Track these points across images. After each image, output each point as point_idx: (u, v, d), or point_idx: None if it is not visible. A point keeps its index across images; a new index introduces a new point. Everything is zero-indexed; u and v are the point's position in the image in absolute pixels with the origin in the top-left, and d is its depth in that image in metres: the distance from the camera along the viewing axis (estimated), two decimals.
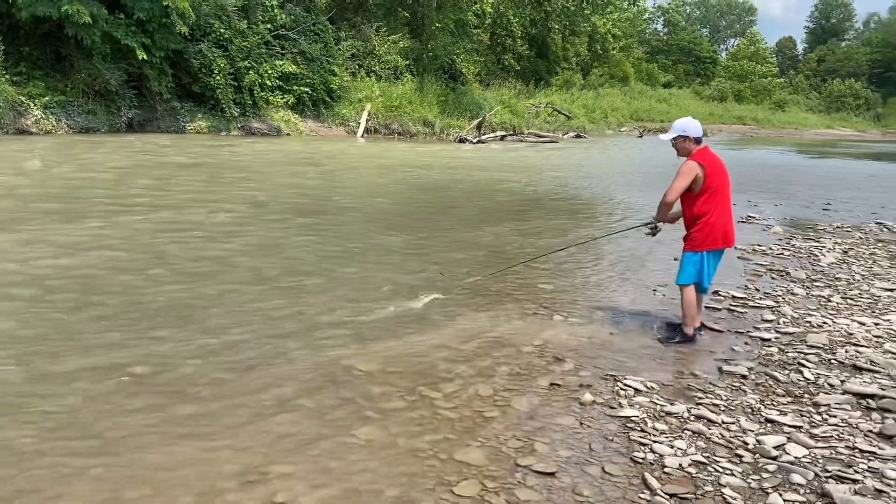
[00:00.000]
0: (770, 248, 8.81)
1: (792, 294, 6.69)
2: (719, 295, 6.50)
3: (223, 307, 5.47)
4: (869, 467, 3.37)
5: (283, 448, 3.38)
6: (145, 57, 19.25)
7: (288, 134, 23.08)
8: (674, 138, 5.14)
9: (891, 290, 6.90)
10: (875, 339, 5.33)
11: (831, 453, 3.53)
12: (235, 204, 10.03)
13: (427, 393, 4.06)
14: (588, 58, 51.33)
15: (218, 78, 21.26)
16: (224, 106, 21.64)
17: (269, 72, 22.96)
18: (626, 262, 7.77)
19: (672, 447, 3.54)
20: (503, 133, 29.57)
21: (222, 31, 21.80)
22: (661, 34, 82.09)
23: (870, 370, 4.66)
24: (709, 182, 5.03)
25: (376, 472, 3.21)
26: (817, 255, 8.45)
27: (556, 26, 43.74)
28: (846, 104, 78.23)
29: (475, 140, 26.46)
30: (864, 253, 8.76)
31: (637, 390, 4.25)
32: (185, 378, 4.12)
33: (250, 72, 22.40)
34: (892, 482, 3.23)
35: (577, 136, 33.56)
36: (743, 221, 10.90)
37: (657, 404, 4.05)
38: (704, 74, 74.67)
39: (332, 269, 6.78)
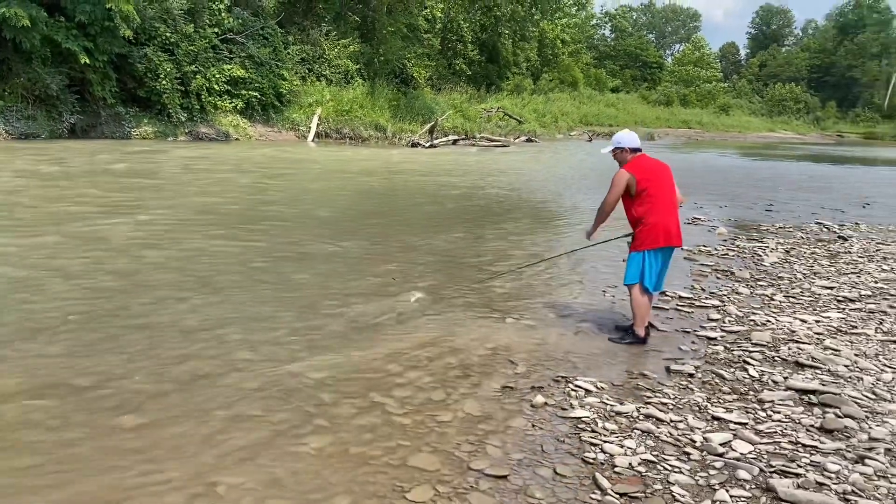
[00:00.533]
0: (715, 249, 9.01)
1: (737, 293, 6.85)
2: (667, 295, 6.61)
3: (166, 316, 5.34)
4: (811, 461, 3.47)
5: (230, 459, 3.32)
6: (87, 61, 18.77)
7: (237, 139, 22.76)
8: (612, 150, 5.39)
9: (830, 288, 7.13)
10: (816, 336, 5.49)
11: (775, 449, 3.61)
12: (181, 211, 9.84)
13: (379, 399, 4.04)
14: (538, 63, 51.95)
15: (164, 82, 20.84)
16: (171, 111, 21.22)
17: (217, 76, 22.62)
18: (577, 265, 7.85)
19: (622, 447, 3.58)
20: (455, 137, 29.66)
21: (168, 34, 21.38)
22: (609, 40, 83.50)
23: (811, 366, 4.79)
24: (642, 186, 5.19)
25: (327, 480, 3.17)
26: (761, 255, 8.67)
27: (506, 31, 44.15)
28: (787, 108, 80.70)
29: (427, 144, 26.49)
30: (805, 252, 9.03)
31: (588, 391, 4.30)
32: (127, 391, 4.02)
33: (197, 76, 22.02)
34: (832, 475, 3.32)
35: (529, 140, 33.88)
36: (689, 223, 11.12)
37: (607, 404, 4.10)
38: (651, 79, 76.19)
39: (281, 276, 6.70)
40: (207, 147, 20.05)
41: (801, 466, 3.41)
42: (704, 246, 9.17)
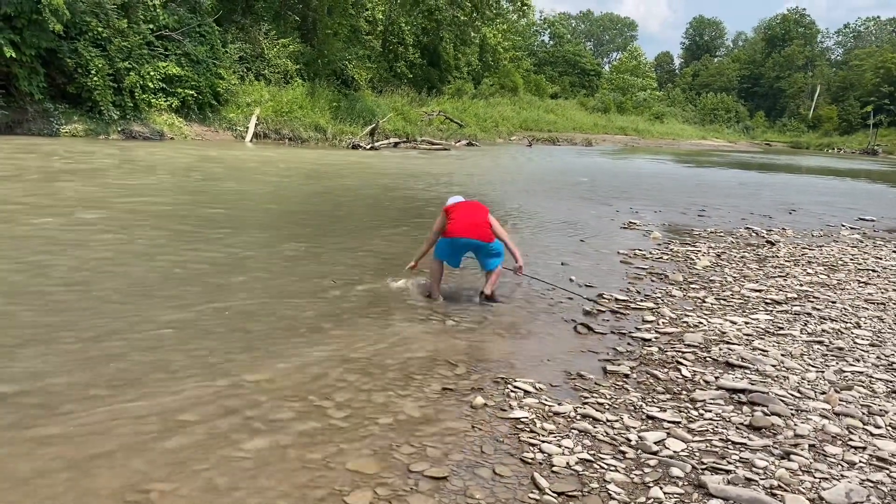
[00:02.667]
0: (650, 253, 9.23)
1: (670, 296, 7.04)
2: (604, 298, 6.74)
3: (97, 320, 5.17)
4: (740, 458, 3.58)
5: (164, 465, 3.23)
6: (13, 55, 18.01)
7: (172, 138, 22.20)
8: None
9: (759, 291, 7.38)
10: (745, 337, 5.68)
11: (707, 446, 3.72)
12: (109, 212, 9.55)
13: (318, 403, 3.99)
14: (479, 67, 52.34)
15: (95, 79, 20.15)
16: (102, 108, 20.52)
17: (152, 73, 22.00)
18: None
19: (560, 446, 3.63)
20: (396, 140, 29.62)
21: (100, 29, 20.69)
22: (548, 46, 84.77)
23: (741, 366, 4.95)
24: (450, 217, 6.40)
25: (265, 486, 3.12)
26: (693, 259, 8.92)
27: (447, 36, 44.36)
28: (718, 116, 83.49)
29: (368, 146, 26.37)
30: (735, 256, 9.33)
31: (527, 392, 4.35)
32: (56, 394, 3.87)
33: (131, 73, 21.38)
34: (760, 471, 3.44)
35: (469, 145, 34.08)
36: (625, 228, 11.37)
37: (546, 405, 4.15)
38: (589, 86, 77.72)
39: (216, 279, 6.56)
40: (140, 146, 19.50)
41: (731, 463, 3.52)
42: (640, 250, 9.38)
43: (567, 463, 3.47)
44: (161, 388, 4.05)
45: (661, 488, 3.27)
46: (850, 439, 3.84)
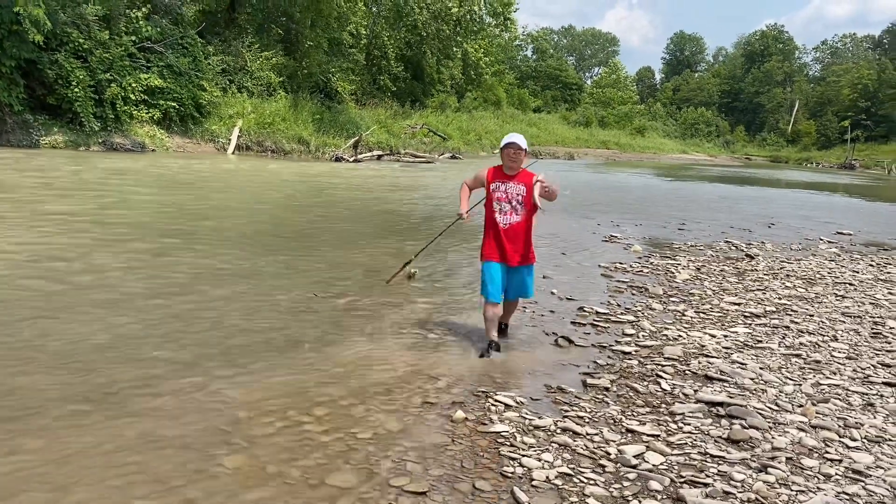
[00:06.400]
0: (631, 266, 9.29)
1: (650, 309, 7.08)
2: (584, 311, 6.77)
3: (77, 333, 5.12)
4: (718, 471, 3.61)
5: (143, 482, 3.20)
6: None
7: (153, 150, 22.07)
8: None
9: (738, 304, 7.45)
10: (724, 350, 5.73)
11: (685, 459, 3.74)
12: (90, 224, 9.47)
13: (297, 417, 3.97)
14: (462, 81, 52.59)
15: (76, 90, 20.02)
16: (83, 119, 20.37)
17: (134, 85, 21.88)
18: None
19: (540, 460, 3.64)
20: (380, 153, 29.66)
21: (81, 41, 20.59)
22: (531, 60, 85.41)
23: (719, 379, 4.99)
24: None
25: (243, 501, 3.10)
26: (673, 273, 8.99)
27: (430, 50, 44.61)
28: (699, 130, 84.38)
29: (351, 159, 26.37)
30: (714, 270, 9.41)
31: (507, 405, 4.35)
32: (32, 409, 3.83)
33: (112, 84, 21.26)
34: (738, 484, 3.46)
35: (453, 157, 34.19)
36: (606, 241, 11.44)
37: (526, 419, 4.16)
38: (571, 100, 78.33)
39: (197, 293, 6.51)
40: (121, 158, 19.37)
41: (709, 476, 3.54)
42: (620, 263, 9.44)
43: (547, 477, 3.47)
44: (139, 404, 4.01)
45: (639, 502, 3.28)
46: (827, 452, 3.88)
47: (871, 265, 10.61)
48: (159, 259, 7.75)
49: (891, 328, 6.72)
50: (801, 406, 4.55)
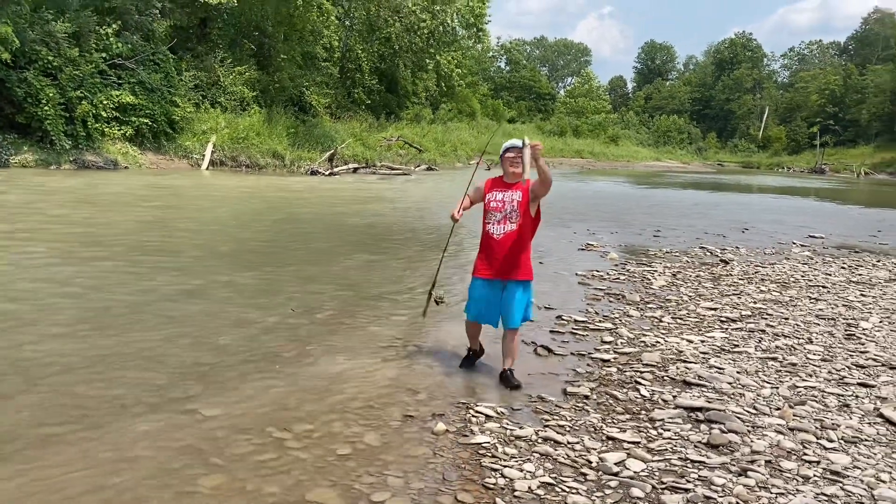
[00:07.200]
0: (608, 274, 9.34)
1: (628, 316, 7.12)
2: (563, 319, 6.79)
3: (49, 353, 5.03)
4: (699, 476, 3.62)
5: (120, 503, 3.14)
6: None
7: (126, 167, 21.83)
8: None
9: (714, 309, 7.52)
10: (702, 355, 5.77)
11: (666, 465, 3.75)
12: (62, 243, 9.33)
13: (277, 434, 3.93)
14: (437, 93, 52.72)
15: (46, 108, 19.77)
16: (54, 138, 20.10)
17: (105, 102, 21.65)
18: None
19: (521, 470, 3.63)
20: (356, 166, 29.60)
21: (51, 58, 20.36)
22: (505, 72, 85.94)
23: (698, 384, 5.02)
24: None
25: None
26: (650, 279, 9.05)
27: (404, 63, 44.73)
28: (672, 138, 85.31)
29: (327, 172, 26.29)
30: (690, 276, 9.49)
31: (488, 416, 4.34)
32: (5, 432, 3.75)
33: (83, 102, 21.02)
34: (718, 488, 3.48)
35: (429, 169, 34.22)
36: (583, 249, 11.50)
37: (507, 429, 4.15)
38: (545, 110, 78.85)
39: (173, 311, 6.43)
40: (93, 175, 19.14)
41: (689, 482, 3.56)
42: (597, 271, 9.48)
43: (529, 487, 3.47)
44: (115, 424, 3.95)
45: None
46: (805, 454, 3.92)
47: (843, 268, 10.76)
48: (130, 277, 7.65)
49: (864, 329, 6.82)
50: (778, 409, 4.59)
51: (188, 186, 18.79)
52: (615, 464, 3.72)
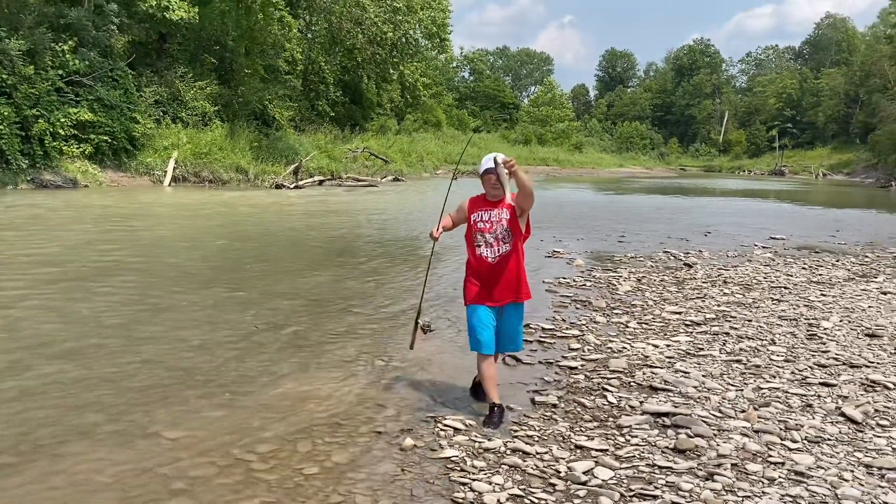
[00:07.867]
0: (574, 280, 9.39)
1: (594, 322, 7.15)
2: (530, 328, 6.79)
3: (4, 378, 4.89)
4: (667, 482, 3.63)
5: None
6: None
7: (86, 185, 21.47)
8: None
9: (679, 313, 7.58)
10: (667, 360, 5.81)
11: (634, 472, 3.76)
12: (13, 266, 9.12)
13: (241, 456, 3.86)
14: (402, 104, 52.81)
15: (1, 127, 19.38)
16: (9, 157, 19.69)
17: (63, 120, 21.30)
18: (444, 304, 7.90)
19: (490, 483, 3.60)
20: (321, 178, 29.50)
21: (5, 76, 19.99)
22: (469, 82, 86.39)
23: (664, 389, 5.05)
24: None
25: None
26: (615, 285, 9.12)
27: (367, 74, 44.76)
28: (634, 144, 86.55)
29: (292, 186, 26.15)
30: (655, 280, 9.58)
31: (456, 429, 4.31)
32: None
33: (40, 120, 20.66)
34: (686, 493, 3.49)
35: (396, 180, 34.22)
36: (549, 256, 11.55)
37: (476, 441, 4.13)
38: (510, 119, 79.37)
39: (132, 331, 6.31)
40: (51, 195, 18.77)
41: (657, 488, 3.56)
42: (564, 278, 9.53)
43: (498, 500, 3.44)
44: (75, 450, 3.84)
45: None
46: (770, 455, 3.95)
47: (803, 268, 10.95)
48: (90, 298, 7.49)
49: (825, 329, 6.94)
50: (743, 411, 4.63)
51: (149, 204, 18.52)
52: (583, 473, 3.71)
